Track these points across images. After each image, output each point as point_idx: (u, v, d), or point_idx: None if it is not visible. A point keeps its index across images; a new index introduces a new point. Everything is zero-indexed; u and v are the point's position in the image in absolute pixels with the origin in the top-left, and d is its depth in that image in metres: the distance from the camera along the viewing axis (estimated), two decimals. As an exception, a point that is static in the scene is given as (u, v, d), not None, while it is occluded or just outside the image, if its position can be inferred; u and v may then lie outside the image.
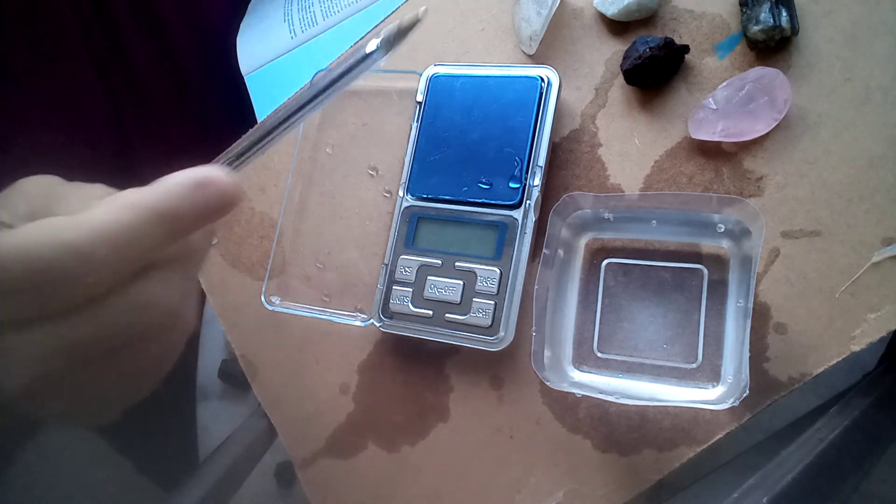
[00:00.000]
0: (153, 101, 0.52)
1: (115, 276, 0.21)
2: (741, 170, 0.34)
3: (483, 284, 0.36)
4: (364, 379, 0.40)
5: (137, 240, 0.21)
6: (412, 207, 0.38)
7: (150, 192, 0.22)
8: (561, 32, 0.38)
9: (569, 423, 0.35)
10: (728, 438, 0.32)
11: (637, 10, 0.36)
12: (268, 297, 0.41)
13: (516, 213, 0.36)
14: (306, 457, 0.41)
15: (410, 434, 0.39)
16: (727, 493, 0.30)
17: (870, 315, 0.31)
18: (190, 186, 0.22)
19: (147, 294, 0.22)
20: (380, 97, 0.42)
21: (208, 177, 0.23)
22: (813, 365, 0.31)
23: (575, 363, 0.35)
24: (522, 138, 0.36)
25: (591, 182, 0.37)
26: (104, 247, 0.20)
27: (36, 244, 0.20)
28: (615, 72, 0.37)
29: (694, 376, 0.33)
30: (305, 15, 0.52)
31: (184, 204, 0.22)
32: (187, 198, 0.22)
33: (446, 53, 0.41)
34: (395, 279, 0.38)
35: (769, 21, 0.32)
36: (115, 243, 0.21)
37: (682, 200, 0.32)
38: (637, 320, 0.34)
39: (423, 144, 0.38)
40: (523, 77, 0.37)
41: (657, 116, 0.36)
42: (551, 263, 0.34)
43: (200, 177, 0.22)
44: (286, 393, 0.42)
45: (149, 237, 0.22)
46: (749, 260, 0.31)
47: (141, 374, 0.25)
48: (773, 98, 0.32)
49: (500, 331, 0.35)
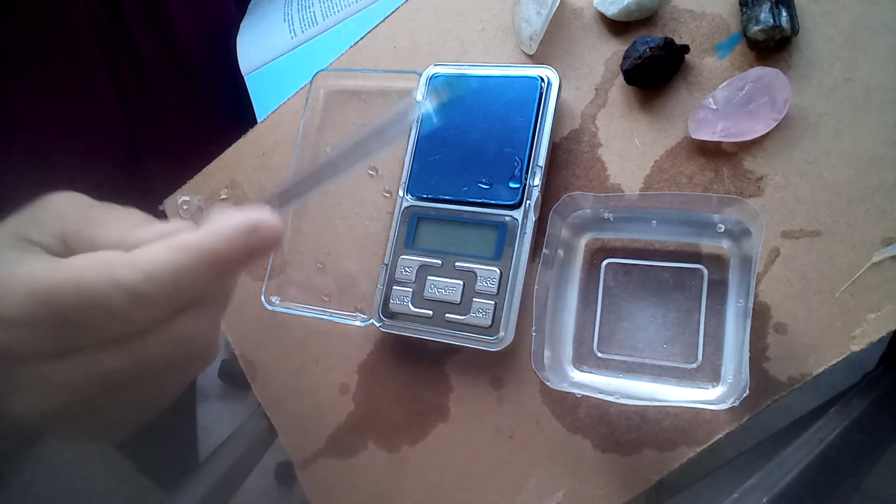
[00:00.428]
0: (162, 99, 0.53)
1: (160, 315, 0.22)
2: (741, 170, 0.34)
3: (483, 284, 0.36)
4: (364, 379, 0.40)
5: (189, 283, 0.22)
6: (412, 207, 0.38)
7: (205, 237, 0.22)
8: (561, 32, 0.38)
9: (569, 423, 0.35)
10: (728, 438, 0.32)
11: (637, 10, 0.36)
12: (268, 297, 0.41)
13: (516, 213, 0.36)
14: (306, 457, 0.41)
15: (410, 434, 0.39)
16: (727, 493, 0.30)
17: (870, 315, 0.31)
18: (244, 231, 0.23)
19: (185, 329, 0.23)
20: (380, 97, 0.42)
21: (260, 222, 0.23)
22: (813, 365, 0.31)
23: (575, 363, 0.35)
24: (522, 138, 0.36)
25: (591, 182, 0.37)
26: (156, 289, 0.21)
27: (91, 280, 0.21)
28: (615, 72, 0.37)
29: (694, 376, 0.33)
30: (305, 15, 0.52)
31: (236, 248, 0.23)
32: (240, 242, 0.23)
33: (446, 53, 0.41)
34: (395, 279, 0.38)
35: (769, 21, 0.32)
36: (166, 286, 0.21)
37: (682, 200, 0.32)
38: (637, 320, 0.34)
39: (423, 144, 0.38)
40: (523, 77, 0.37)
41: (657, 116, 0.36)
42: (551, 263, 0.34)
43: (253, 221, 0.23)
44: (286, 393, 0.42)
45: (200, 280, 0.22)
46: (749, 260, 0.31)
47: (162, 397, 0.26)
48: (773, 98, 0.32)
49: (500, 331, 0.35)
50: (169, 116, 0.54)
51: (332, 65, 0.44)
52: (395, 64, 0.42)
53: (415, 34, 0.42)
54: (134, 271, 0.21)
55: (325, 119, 0.43)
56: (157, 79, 0.52)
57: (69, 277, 0.21)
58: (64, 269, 0.21)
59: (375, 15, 0.46)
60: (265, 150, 0.45)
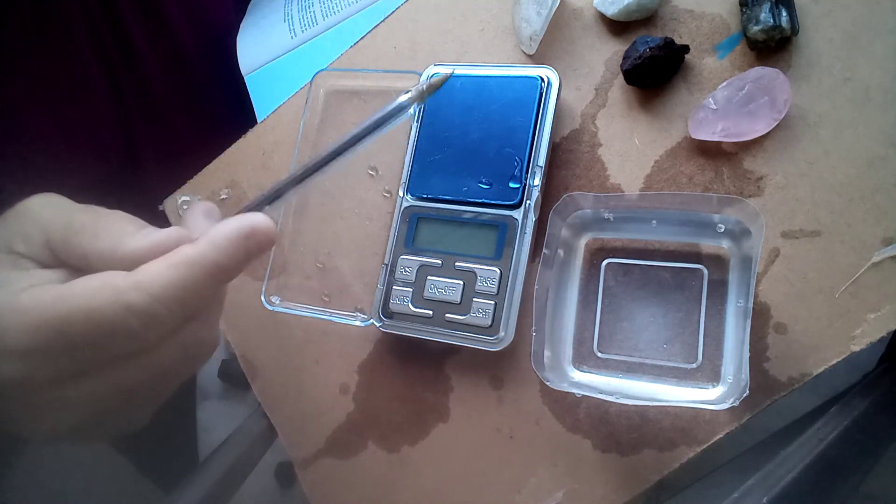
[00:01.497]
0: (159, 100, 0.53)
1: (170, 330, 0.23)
2: (741, 170, 0.34)
3: (483, 284, 0.36)
4: (364, 379, 0.40)
5: (195, 298, 0.23)
6: (412, 207, 0.38)
7: (204, 251, 0.23)
8: (561, 32, 0.38)
9: (569, 423, 0.35)
10: (728, 438, 0.32)
11: (637, 10, 0.36)
12: (268, 297, 0.41)
13: (516, 213, 0.36)
14: (306, 457, 0.41)
15: (410, 434, 0.39)
16: (727, 493, 0.30)
17: (870, 315, 0.31)
18: (241, 238, 0.23)
19: (193, 335, 0.24)
20: (380, 97, 0.42)
21: (254, 225, 0.24)
22: (813, 365, 0.31)
23: (575, 363, 0.35)
24: (522, 138, 0.36)
25: (591, 182, 0.37)
26: (165, 310, 0.22)
27: (102, 308, 0.21)
28: (615, 72, 0.37)
29: (694, 376, 0.33)
30: (305, 15, 0.52)
31: (236, 255, 0.23)
32: (239, 249, 0.23)
33: (446, 53, 0.41)
34: (395, 279, 0.38)
35: (769, 21, 0.32)
36: (174, 305, 0.22)
37: (682, 200, 0.32)
38: (637, 320, 0.34)
39: (423, 144, 0.38)
40: (523, 77, 0.37)
41: (657, 116, 0.36)
42: (551, 263, 0.34)
43: (247, 227, 0.24)
44: (286, 393, 0.42)
45: (205, 293, 0.23)
46: (749, 260, 0.31)
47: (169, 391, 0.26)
48: (773, 98, 0.32)
49: (500, 331, 0.35)
50: (168, 116, 0.54)
51: (332, 65, 0.44)
52: (395, 64, 0.42)
53: (415, 34, 0.42)
54: (142, 294, 0.21)
55: (325, 119, 0.43)
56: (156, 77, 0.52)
57: (79, 305, 0.21)
58: (73, 296, 0.21)
59: (375, 15, 0.46)
60: (265, 150, 0.45)
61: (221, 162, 0.46)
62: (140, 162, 0.52)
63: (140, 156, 0.52)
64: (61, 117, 0.45)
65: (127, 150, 0.51)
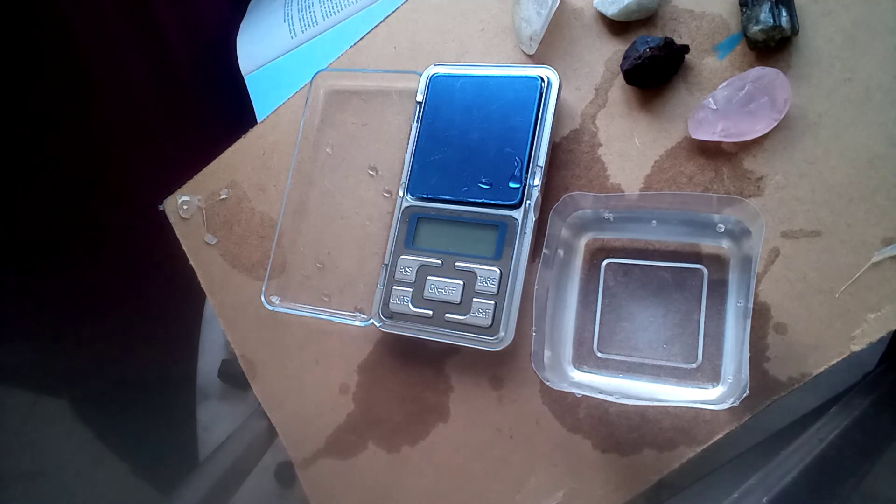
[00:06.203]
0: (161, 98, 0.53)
1: None
2: (741, 170, 0.34)
3: (483, 284, 0.36)
4: (364, 379, 0.40)
5: None
6: (412, 207, 0.38)
7: None
8: (561, 32, 0.38)
9: (569, 423, 0.35)
10: (728, 438, 0.32)
11: (637, 10, 0.36)
12: (268, 297, 0.41)
13: (516, 213, 0.36)
14: (306, 457, 0.41)
15: (410, 434, 0.39)
16: (727, 493, 0.30)
17: (870, 315, 0.31)
18: None
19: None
20: (380, 97, 0.42)
21: None
22: (813, 365, 0.31)
23: (575, 363, 0.35)
24: (522, 138, 0.36)
25: (591, 182, 0.37)
26: None
27: None
28: (615, 72, 0.37)
29: (694, 376, 0.33)
30: (305, 15, 0.52)
31: None
32: None
33: (446, 53, 0.41)
34: (395, 279, 0.38)
35: (769, 21, 0.32)
36: None
37: (682, 200, 0.32)
38: (637, 320, 0.34)
39: (423, 144, 0.38)
40: (523, 77, 0.37)
41: (657, 116, 0.36)
42: (551, 263, 0.34)
43: None
44: (286, 393, 0.42)
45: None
46: (749, 260, 0.31)
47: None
48: (773, 98, 0.32)
49: (500, 331, 0.35)
50: (168, 116, 0.54)
51: (332, 65, 0.44)
52: (395, 64, 0.42)
53: (415, 34, 0.42)
54: None
55: (325, 119, 0.43)
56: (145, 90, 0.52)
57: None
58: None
59: (375, 15, 0.46)
60: (265, 150, 0.45)
61: (221, 162, 0.46)
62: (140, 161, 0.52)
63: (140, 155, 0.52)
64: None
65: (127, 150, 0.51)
